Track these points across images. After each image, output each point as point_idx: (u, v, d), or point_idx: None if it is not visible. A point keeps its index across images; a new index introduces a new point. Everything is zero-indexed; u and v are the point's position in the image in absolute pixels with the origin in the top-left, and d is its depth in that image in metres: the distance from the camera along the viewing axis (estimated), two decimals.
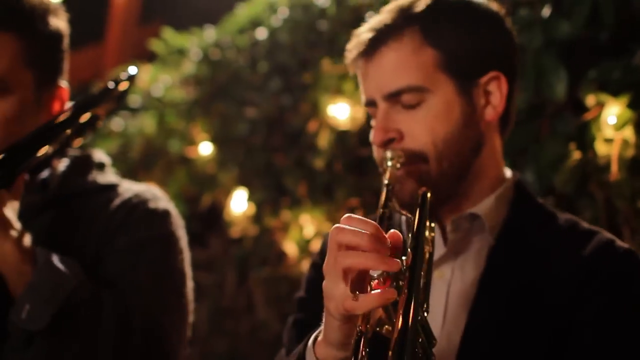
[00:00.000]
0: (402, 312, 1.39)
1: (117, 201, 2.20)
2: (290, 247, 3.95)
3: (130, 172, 5.23)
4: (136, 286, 2.07)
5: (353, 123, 3.61)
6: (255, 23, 4.69)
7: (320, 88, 3.73)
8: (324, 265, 1.52)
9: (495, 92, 1.96)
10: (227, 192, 4.52)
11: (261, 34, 4.53)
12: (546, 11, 2.87)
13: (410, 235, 1.65)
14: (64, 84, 2.25)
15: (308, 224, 3.80)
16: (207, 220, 4.85)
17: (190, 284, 2.22)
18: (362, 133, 3.58)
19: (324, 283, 1.51)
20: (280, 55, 4.28)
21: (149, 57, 6.02)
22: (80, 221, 2.17)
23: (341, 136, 3.64)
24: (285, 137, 4.17)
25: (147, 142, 5.23)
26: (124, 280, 2.07)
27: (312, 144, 3.86)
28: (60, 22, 2.24)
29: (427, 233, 1.74)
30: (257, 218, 4.30)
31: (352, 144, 3.63)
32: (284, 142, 4.17)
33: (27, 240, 1.96)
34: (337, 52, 3.76)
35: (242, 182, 4.43)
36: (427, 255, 1.69)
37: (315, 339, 1.62)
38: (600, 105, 2.65)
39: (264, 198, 4.25)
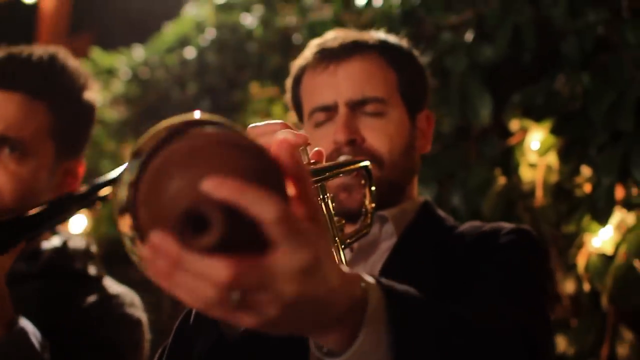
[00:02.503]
0: None
1: (96, 296, 2.19)
2: None
3: None
4: None
5: None
6: (183, 42, 4.66)
7: (249, 112, 3.72)
8: None
9: (427, 129, 2.08)
10: None
11: (189, 53, 4.51)
12: (469, 35, 2.89)
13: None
14: (82, 160, 2.27)
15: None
16: None
17: None
18: None
19: None
20: (209, 76, 4.26)
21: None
22: (58, 303, 2.15)
23: None
24: None
25: None
26: None
27: None
28: (92, 97, 2.27)
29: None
30: None
31: None
32: None
33: (8, 305, 1.93)
34: (265, 75, 3.77)
35: None
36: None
37: None
38: (524, 130, 2.68)
39: None
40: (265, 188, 0.91)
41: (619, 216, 2.43)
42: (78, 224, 4.91)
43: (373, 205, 1.76)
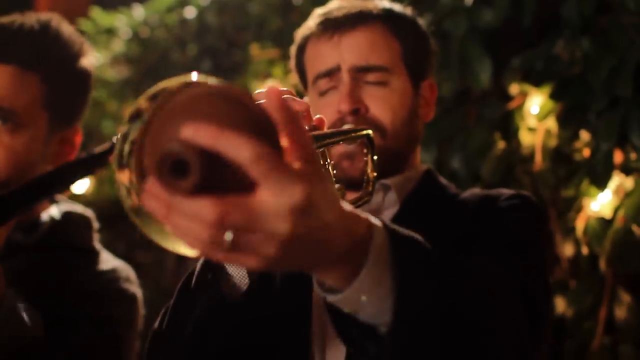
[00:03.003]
0: None
1: (94, 269, 2.21)
2: None
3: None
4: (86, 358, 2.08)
5: None
6: (183, 2, 4.64)
7: (249, 73, 3.72)
8: None
9: (430, 97, 2.10)
10: None
11: (189, 13, 4.49)
12: None
13: None
14: (78, 129, 2.26)
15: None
16: None
17: None
18: None
19: None
20: (209, 37, 4.25)
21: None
22: (55, 275, 2.16)
23: None
24: None
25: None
26: (79, 351, 2.06)
27: None
28: (88, 64, 2.25)
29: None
30: None
31: None
32: None
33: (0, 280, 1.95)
34: (266, 37, 3.76)
35: None
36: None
37: None
38: (524, 95, 2.69)
39: None
40: (245, 132, 0.96)
41: (618, 180, 2.45)
42: (80, 186, 4.93)
43: (375, 174, 1.79)
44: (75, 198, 4.93)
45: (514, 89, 2.73)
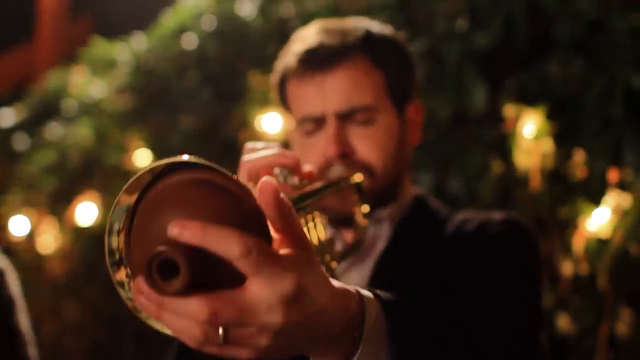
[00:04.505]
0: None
1: None
2: None
3: (70, 182, 5.23)
4: None
5: (285, 134, 3.65)
6: (182, 30, 4.68)
7: (249, 101, 3.75)
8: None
9: (417, 119, 2.08)
10: None
11: (189, 42, 4.53)
12: (463, 23, 2.93)
13: None
14: None
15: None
16: None
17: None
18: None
19: None
20: (209, 65, 4.29)
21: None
22: None
23: None
24: (219, 147, 4.19)
25: (84, 152, 5.21)
26: None
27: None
28: None
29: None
30: None
31: None
32: (219, 152, 4.19)
33: None
34: (265, 64, 3.80)
35: None
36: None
37: None
38: (519, 116, 2.72)
39: None
40: (232, 224, 0.95)
41: (616, 199, 2.48)
42: (88, 214, 4.97)
43: (366, 222, 1.84)
44: (82, 230, 4.99)
45: (509, 110, 2.77)
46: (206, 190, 1.00)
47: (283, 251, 1.00)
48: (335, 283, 1.09)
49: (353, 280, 1.88)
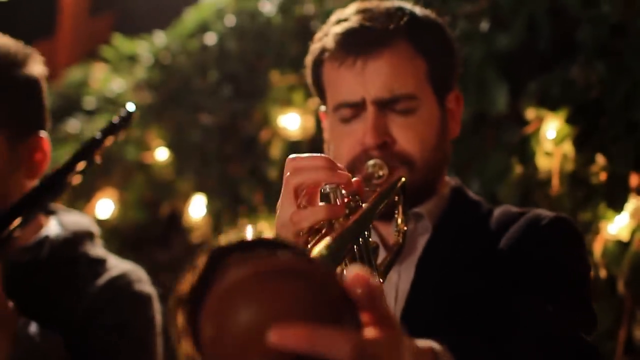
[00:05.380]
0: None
1: (104, 277, 2.20)
2: None
3: (89, 178, 5.25)
4: None
5: (304, 133, 3.67)
6: (203, 28, 4.70)
7: (270, 100, 3.77)
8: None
9: (457, 110, 2.01)
10: (185, 199, 4.56)
11: (210, 39, 4.55)
12: (485, 24, 2.92)
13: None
14: (43, 134, 2.21)
15: (266, 231, 3.85)
16: (169, 222, 4.89)
17: None
18: (313, 142, 3.64)
19: (278, 212, 1.49)
20: (229, 63, 4.31)
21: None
22: (67, 290, 2.17)
23: (293, 146, 3.69)
24: (238, 145, 4.21)
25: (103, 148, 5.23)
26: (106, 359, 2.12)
27: (265, 153, 3.90)
28: (34, 70, 2.20)
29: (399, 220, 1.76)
30: (215, 226, 4.34)
31: (304, 152, 3.67)
32: (238, 150, 4.20)
33: (9, 312, 1.98)
34: (285, 63, 3.81)
35: (200, 188, 4.46)
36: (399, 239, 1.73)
37: None
38: (540, 119, 2.72)
39: (222, 207, 4.29)
40: (335, 324, 0.87)
41: (635, 204, 2.47)
42: (105, 210, 5.00)
43: (405, 227, 1.76)
44: (100, 223, 5.01)
45: (530, 113, 2.76)
46: (290, 280, 0.87)
47: (373, 332, 0.94)
48: (412, 344, 1.11)
49: (394, 282, 1.83)
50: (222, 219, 4.29)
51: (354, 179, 1.50)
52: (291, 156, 1.50)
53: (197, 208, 4.45)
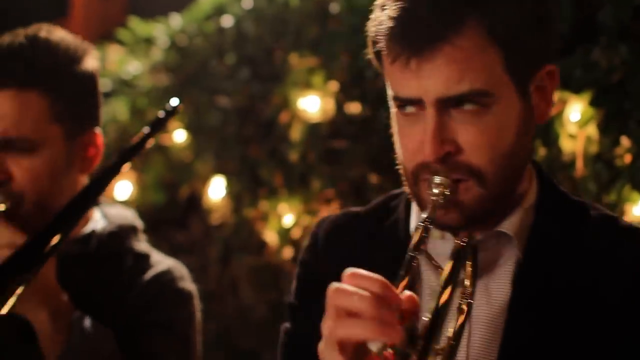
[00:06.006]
0: None
1: (149, 273, 2.24)
2: (270, 236, 4.03)
3: (107, 159, 5.27)
4: None
5: (324, 115, 3.68)
6: (220, 11, 4.69)
7: (289, 82, 3.78)
8: (322, 323, 1.35)
9: (548, 88, 1.66)
10: (204, 181, 4.58)
11: (227, 22, 4.55)
12: None
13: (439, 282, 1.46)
14: (98, 130, 2.25)
15: (286, 213, 3.89)
16: (188, 204, 4.91)
17: None
18: (333, 124, 3.66)
19: (320, 345, 1.35)
20: (247, 46, 4.31)
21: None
22: (114, 285, 2.21)
23: (313, 128, 3.71)
24: (258, 127, 4.22)
25: (120, 129, 5.25)
26: (152, 355, 2.16)
27: (285, 135, 3.92)
28: (89, 65, 2.22)
29: (466, 283, 1.52)
30: (235, 208, 4.37)
31: (324, 135, 3.69)
32: (257, 132, 4.22)
33: (65, 304, 2.02)
34: (304, 45, 3.82)
35: (219, 170, 4.48)
36: (463, 312, 1.49)
37: None
38: (563, 102, 2.73)
39: (241, 188, 4.31)
40: None
41: None
42: (123, 191, 5.02)
43: (473, 288, 1.53)
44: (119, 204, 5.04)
45: (554, 96, 2.76)
46: None
47: None
48: None
49: (476, 304, 1.60)
50: (242, 200, 4.31)
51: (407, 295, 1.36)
52: (336, 287, 1.34)
53: (216, 190, 4.48)
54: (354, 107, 3.54)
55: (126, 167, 2.11)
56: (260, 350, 4.25)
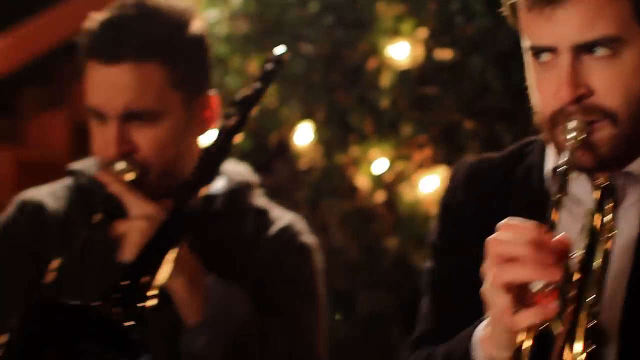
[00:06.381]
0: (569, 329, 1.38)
1: (271, 229, 2.31)
2: (362, 181, 4.08)
3: None
4: (295, 318, 2.24)
5: (413, 62, 3.70)
6: None
7: (377, 30, 3.79)
8: (485, 267, 1.48)
9: None
10: (291, 127, 4.61)
11: None
12: None
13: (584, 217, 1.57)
14: (212, 92, 2.30)
15: (378, 158, 3.93)
16: (275, 150, 4.95)
17: None
18: (422, 70, 3.68)
19: (484, 287, 1.49)
20: None
21: None
22: (239, 243, 2.29)
23: (403, 75, 3.72)
24: (344, 74, 4.24)
25: None
26: (284, 311, 2.23)
27: (374, 82, 3.94)
28: (197, 27, 2.25)
29: (607, 218, 1.58)
30: (325, 153, 4.40)
31: (414, 81, 3.71)
32: (344, 79, 4.23)
33: (198, 269, 2.10)
34: None
35: (306, 116, 4.51)
36: (607, 246, 1.54)
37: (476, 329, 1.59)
38: None
39: (330, 135, 4.34)
40: None
41: None
42: (208, 138, 5.06)
43: (614, 231, 1.58)
44: None
45: None
46: None
47: None
48: None
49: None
50: (332, 146, 4.34)
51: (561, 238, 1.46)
52: (494, 237, 1.47)
53: (303, 136, 4.51)
54: (444, 54, 3.55)
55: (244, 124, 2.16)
56: (355, 291, 4.32)
